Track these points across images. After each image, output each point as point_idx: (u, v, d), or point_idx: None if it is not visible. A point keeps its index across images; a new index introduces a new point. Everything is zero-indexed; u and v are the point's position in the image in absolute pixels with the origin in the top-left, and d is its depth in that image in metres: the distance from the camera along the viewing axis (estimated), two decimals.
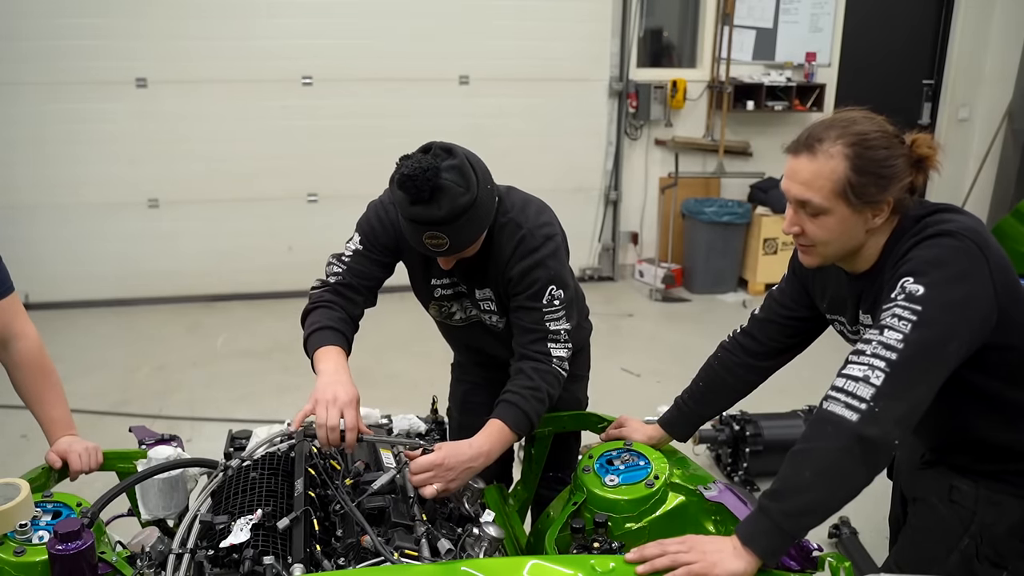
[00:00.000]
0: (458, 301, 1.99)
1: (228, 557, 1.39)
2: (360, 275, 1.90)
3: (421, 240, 1.70)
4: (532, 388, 1.80)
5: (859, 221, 1.49)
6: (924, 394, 1.37)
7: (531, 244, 1.82)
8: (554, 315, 1.84)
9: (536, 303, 1.83)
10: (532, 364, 1.83)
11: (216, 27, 5.39)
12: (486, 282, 1.91)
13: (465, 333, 2.08)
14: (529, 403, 1.79)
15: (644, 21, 6.16)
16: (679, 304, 6.05)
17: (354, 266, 1.90)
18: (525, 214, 1.86)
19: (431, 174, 1.61)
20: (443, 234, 1.67)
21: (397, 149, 1.81)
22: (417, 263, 1.96)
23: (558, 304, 1.84)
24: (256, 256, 5.85)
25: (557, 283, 1.83)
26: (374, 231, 1.90)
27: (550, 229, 1.86)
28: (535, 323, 1.84)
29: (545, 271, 1.82)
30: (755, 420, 3.41)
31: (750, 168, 6.41)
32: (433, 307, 2.03)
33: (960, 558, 1.60)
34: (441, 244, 1.69)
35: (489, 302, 1.94)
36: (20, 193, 5.42)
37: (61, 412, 1.84)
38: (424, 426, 1.98)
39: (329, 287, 1.90)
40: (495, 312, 1.96)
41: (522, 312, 1.85)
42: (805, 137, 1.51)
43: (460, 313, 2.02)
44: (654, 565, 1.32)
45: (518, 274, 1.82)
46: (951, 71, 6.79)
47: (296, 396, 4.26)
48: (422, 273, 1.97)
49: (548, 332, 1.84)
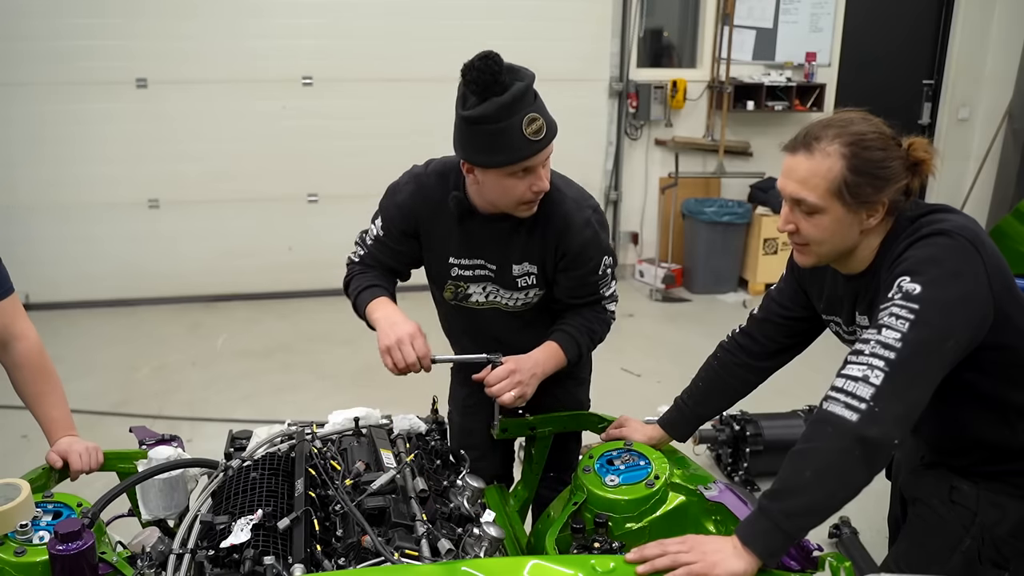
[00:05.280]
0: (477, 283, 1.98)
1: (228, 557, 1.39)
2: (381, 261, 2.02)
3: (522, 133, 1.67)
4: (587, 327, 1.97)
5: (854, 221, 1.50)
6: (923, 393, 1.38)
7: (584, 215, 1.89)
8: (606, 282, 1.98)
9: (592, 276, 1.94)
10: (588, 309, 1.98)
11: (216, 27, 5.39)
12: (529, 255, 1.91)
13: (478, 317, 2.05)
14: (582, 335, 1.95)
15: (644, 21, 6.16)
16: (679, 304, 6.05)
17: (375, 252, 2.01)
18: (569, 187, 1.94)
19: (494, 58, 1.64)
20: (537, 112, 1.69)
21: (397, 149, 1.83)
22: (436, 238, 1.95)
23: (610, 272, 1.98)
24: (256, 256, 5.84)
25: (608, 252, 1.96)
26: (392, 218, 1.96)
27: (593, 200, 1.97)
28: (591, 293, 1.97)
29: (598, 245, 1.92)
30: (755, 420, 3.41)
31: (750, 168, 6.41)
32: (449, 288, 2.01)
33: (962, 559, 1.60)
34: (541, 127, 1.70)
35: (530, 277, 1.95)
36: (20, 193, 5.42)
37: (61, 412, 1.84)
38: (424, 426, 1.97)
39: (359, 263, 2.04)
40: (534, 287, 1.96)
41: (576, 285, 1.96)
42: (802, 136, 1.52)
43: (478, 296, 2.01)
44: (654, 565, 1.32)
45: (577, 248, 1.89)
46: (951, 71, 6.79)
47: (296, 396, 4.27)
48: (440, 249, 1.96)
49: (603, 297, 2.00)
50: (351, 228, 1.94)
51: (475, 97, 1.68)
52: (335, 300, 5.77)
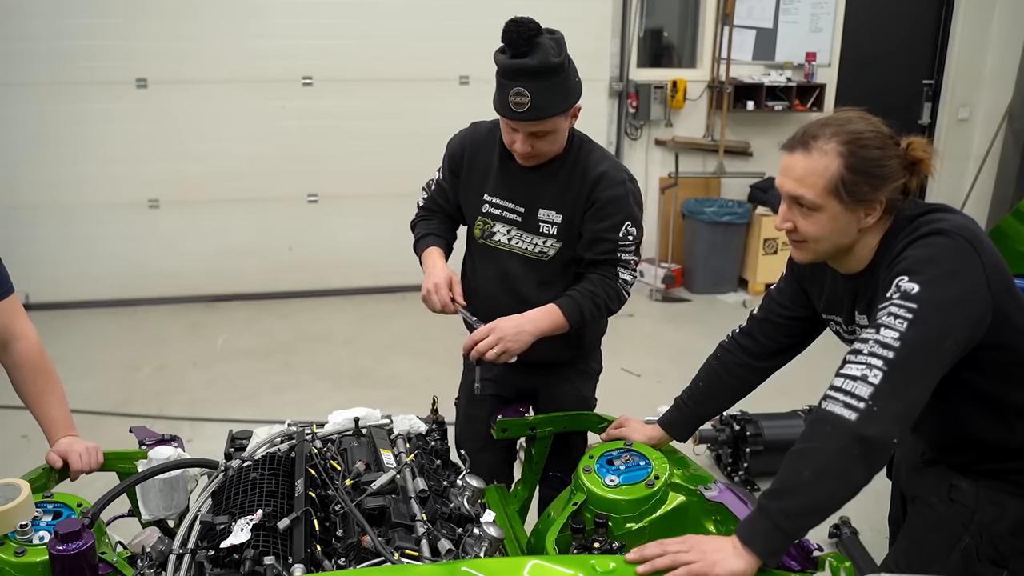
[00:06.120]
0: (503, 223, 2.09)
1: (228, 557, 1.39)
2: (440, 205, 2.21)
3: (508, 98, 1.85)
4: (591, 291, 1.99)
5: (851, 219, 1.50)
6: (921, 392, 1.38)
7: (618, 177, 2.00)
8: (626, 248, 2.01)
9: (613, 235, 1.99)
10: (598, 275, 2.01)
11: (216, 27, 5.39)
12: (560, 203, 2.02)
13: (503, 259, 2.12)
14: (585, 300, 1.98)
15: (644, 21, 6.16)
16: (679, 304, 6.05)
17: (435, 196, 2.22)
18: (611, 159, 2.06)
19: (534, 27, 1.82)
20: (527, 91, 1.82)
21: (397, 149, 1.85)
22: (475, 176, 2.11)
23: (631, 240, 2.01)
24: (256, 256, 5.84)
25: (634, 221, 2.00)
26: (447, 159, 2.16)
27: (631, 174, 2.04)
28: (608, 252, 2.00)
29: (627, 206, 1.99)
30: (755, 420, 3.41)
31: (750, 168, 6.41)
32: (478, 224, 2.13)
33: (961, 557, 1.60)
34: (523, 103, 1.84)
35: (552, 226, 2.03)
36: (20, 193, 5.42)
37: (61, 412, 1.84)
38: (424, 426, 1.97)
39: (421, 209, 2.24)
40: (553, 236, 2.04)
41: (597, 243, 2.00)
42: (800, 134, 1.53)
43: (502, 236, 2.10)
44: (654, 565, 1.32)
45: (604, 200, 1.97)
46: (951, 71, 6.79)
47: (296, 396, 4.27)
48: (478, 185, 2.10)
49: (619, 260, 2.01)
50: (351, 228, 1.95)
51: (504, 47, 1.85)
52: (335, 300, 5.83)
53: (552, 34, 1.89)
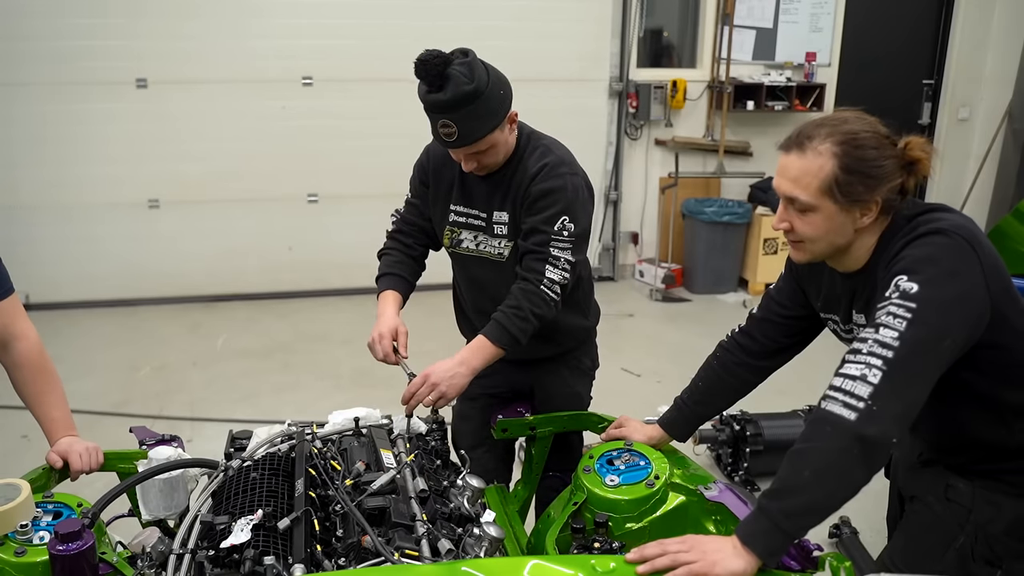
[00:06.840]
0: (469, 230, 2.12)
1: (229, 557, 1.39)
2: (412, 223, 2.22)
3: (438, 131, 1.91)
4: (515, 308, 1.95)
5: (847, 219, 1.50)
6: (920, 392, 1.38)
7: (556, 171, 1.98)
8: (560, 243, 1.96)
9: (547, 227, 1.95)
10: (520, 286, 1.97)
11: (216, 27, 5.39)
12: (505, 203, 2.04)
13: (471, 265, 2.15)
14: (511, 320, 1.94)
15: (644, 21, 6.16)
16: (679, 304, 6.05)
17: (406, 215, 2.24)
18: (559, 150, 2.05)
19: (439, 62, 1.82)
20: (451, 122, 1.85)
21: (397, 149, 1.86)
22: (441, 189, 2.14)
23: (567, 235, 1.96)
24: (256, 256, 5.84)
25: (570, 215, 1.96)
26: (414, 176, 2.20)
27: (577, 168, 2.04)
28: (539, 245, 1.96)
29: (563, 198, 1.96)
30: (755, 420, 3.41)
31: (750, 168, 6.41)
32: (446, 233, 2.16)
33: (956, 556, 1.60)
34: (451, 133, 1.88)
35: (503, 226, 2.05)
36: (20, 193, 5.42)
37: (61, 412, 1.84)
38: (424, 426, 1.97)
39: (390, 235, 2.25)
40: (505, 236, 2.06)
41: (531, 234, 1.98)
42: (796, 135, 1.53)
43: (469, 243, 2.12)
44: (654, 565, 1.32)
45: (537, 193, 1.96)
46: (951, 71, 6.79)
47: (296, 396, 4.28)
48: (444, 197, 2.14)
49: (549, 256, 1.96)
50: (351, 228, 1.96)
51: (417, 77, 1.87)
52: (335, 300, 5.82)
53: (465, 56, 1.87)
